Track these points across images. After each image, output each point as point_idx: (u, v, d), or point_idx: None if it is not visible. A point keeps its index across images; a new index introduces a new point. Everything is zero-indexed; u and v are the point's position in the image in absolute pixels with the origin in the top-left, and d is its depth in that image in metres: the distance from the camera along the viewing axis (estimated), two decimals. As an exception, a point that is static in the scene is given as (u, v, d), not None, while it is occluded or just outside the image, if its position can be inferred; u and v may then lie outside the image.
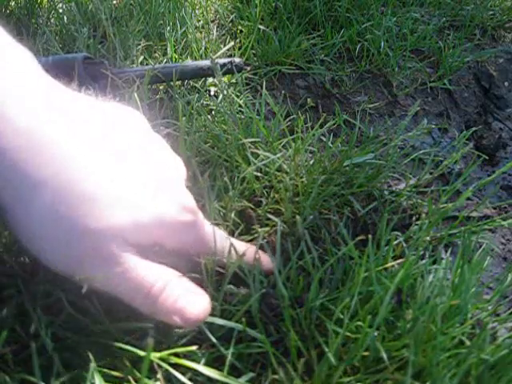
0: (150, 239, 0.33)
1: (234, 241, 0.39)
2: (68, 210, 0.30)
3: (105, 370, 0.32)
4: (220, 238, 0.38)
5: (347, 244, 0.41)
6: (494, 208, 0.63)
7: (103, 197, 0.31)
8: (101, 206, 0.31)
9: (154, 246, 0.33)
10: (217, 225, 0.42)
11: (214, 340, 0.35)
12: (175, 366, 0.33)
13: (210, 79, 0.66)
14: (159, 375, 0.32)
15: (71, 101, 0.34)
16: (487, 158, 0.59)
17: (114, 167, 0.32)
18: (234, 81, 0.68)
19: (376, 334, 0.35)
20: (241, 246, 0.40)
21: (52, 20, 0.75)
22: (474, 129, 0.63)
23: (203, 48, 0.73)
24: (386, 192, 0.55)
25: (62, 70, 0.53)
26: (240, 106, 0.58)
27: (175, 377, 0.32)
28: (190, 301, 0.33)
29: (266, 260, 0.40)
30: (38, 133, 0.30)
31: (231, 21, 0.83)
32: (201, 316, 0.33)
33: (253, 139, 0.53)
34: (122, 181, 0.32)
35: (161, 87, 0.65)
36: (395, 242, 0.48)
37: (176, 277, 0.34)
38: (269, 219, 0.47)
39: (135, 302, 0.32)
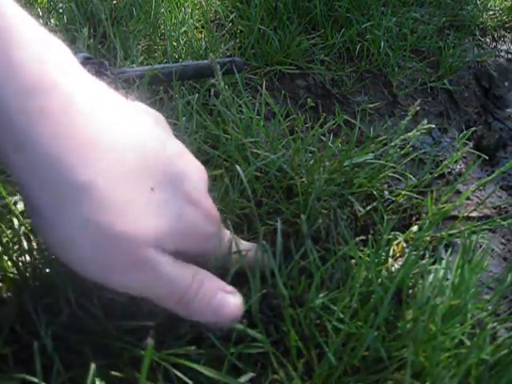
0: (178, 247, 0.33)
1: (245, 243, 0.40)
2: (108, 217, 0.29)
3: (105, 370, 0.32)
4: (243, 246, 0.39)
5: (347, 244, 0.41)
6: (494, 208, 0.63)
7: (142, 205, 0.31)
8: (139, 213, 0.30)
9: (177, 254, 0.33)
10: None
11: (214, 340, 0.35)
12: (175, 366, 0.33)
13: (210, 79, 0.66)
14: (159, 375, 0.32)
15: (119, 101, 0.33)
16: (487, 158, 0.59)
17: (151, 175, 0.32)
18: (234, 81, 0.68)
19: (376, 333, 0.35)
20: (248, 246, 0.40)
21: (52, 20, 0.75)
22: (473, 129, 0.63)
23: (203, 48, 0.73)
24: (386, 192, 0.55)
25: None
26: (240, 106, 0.58)
27: (175, 377, 0.32)
28: (224, 298, 0.34)
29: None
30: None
31: (231, 21, 0.82)
32: (235, 313, 0.34)
33: (253, 139, 0.53)
34: (159, 190, 0.32)
35: (161, 87, 0.65)
36: (395, 242, 0.48)
37: (208, 276, 0.34)
38: (269, 219, 0.47)
39: (168, 305, 0.33)
